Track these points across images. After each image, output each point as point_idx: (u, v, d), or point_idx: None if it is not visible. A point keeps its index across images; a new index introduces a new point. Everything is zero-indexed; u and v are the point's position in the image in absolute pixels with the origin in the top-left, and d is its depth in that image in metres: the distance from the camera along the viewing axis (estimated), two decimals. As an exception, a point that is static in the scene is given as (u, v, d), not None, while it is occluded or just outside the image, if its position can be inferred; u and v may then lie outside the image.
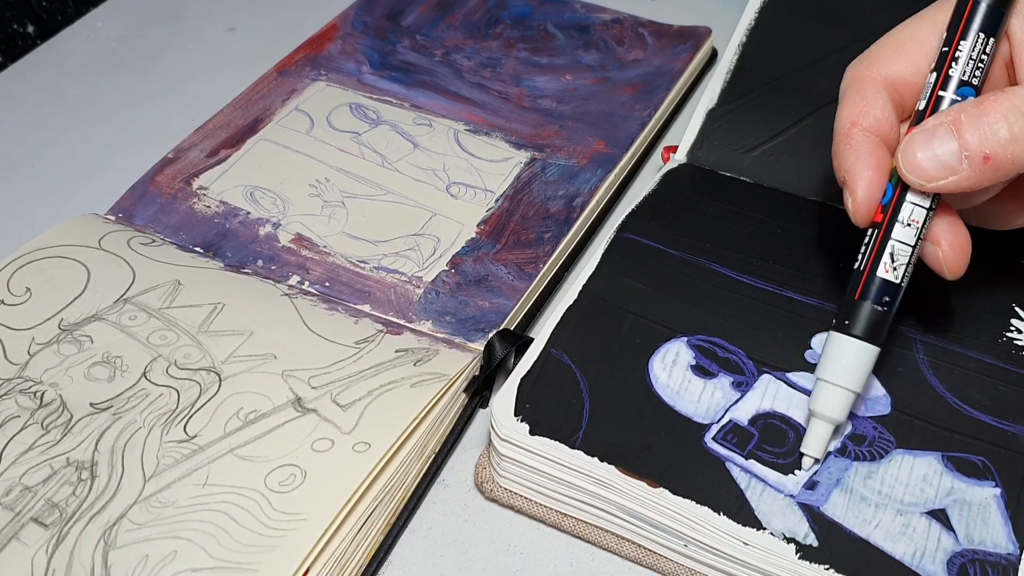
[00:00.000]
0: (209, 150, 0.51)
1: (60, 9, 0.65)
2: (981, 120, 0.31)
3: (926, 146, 0.32)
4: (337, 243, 0.46)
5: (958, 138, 0.32)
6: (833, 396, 0.34)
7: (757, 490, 0.34)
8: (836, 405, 0.34)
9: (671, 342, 0.39)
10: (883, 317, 0.34)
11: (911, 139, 0.33)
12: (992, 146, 0.31)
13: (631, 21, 0.59)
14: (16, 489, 0.35)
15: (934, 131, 0.32)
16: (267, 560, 0.33)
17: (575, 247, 0.48)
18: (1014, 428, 0.36)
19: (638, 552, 0.36)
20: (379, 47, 0.58)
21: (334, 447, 0.36)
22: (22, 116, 0.56)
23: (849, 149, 0.35)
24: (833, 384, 0.34)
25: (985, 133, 0.31)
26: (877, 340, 0.34)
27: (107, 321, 0.41)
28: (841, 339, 0.34)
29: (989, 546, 0.33)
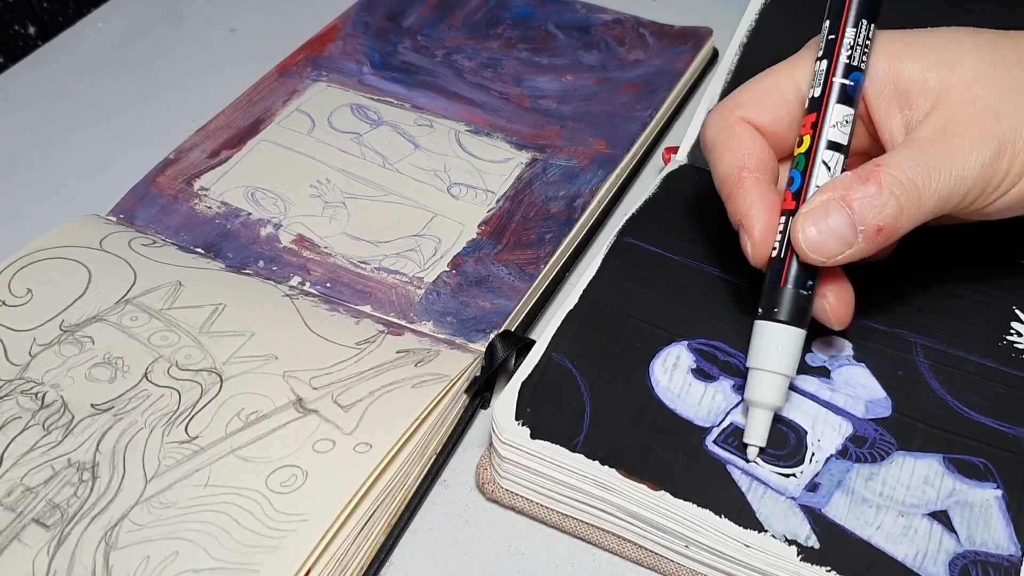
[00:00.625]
0: (210, 151, 0.51)
1: (61, 10, 0.65)
2: (869, 196, 0.33)
3: (820, 223, 0.33)
4: (338, 244, 0.46)
5: (852, 213, 0.33)
6: (769, 383, 0.35)
7: (758, 492, 0.34)
8: (773, 391, 0.35)
9: (672, 346, 0.39)
10: (807, 301, 0.35)
11: (805, 217, 0.34)
12: (884, 219, 0.33)
13: (632, 21, 0.59)
14: (17, 490, 0.35)
15: (826, 207, 0.33)
16: (268, 561, 0.33)
17: (576, 247, 0.48)
18: (1015, 430, 0.36)
19: (639, 553, 0.36)
20: (380, 48, 0.58)
21: (335, 448, 0.36)
22: (23, 117, 0.56)
23: (743, 193, 0.36)
24: (768, 371, 0.35)
25: (875, 208, 0.33)
26: (803, 323, 0.35)
27: (108, 322, 0.41)
28: (770, 326, 0.35)
29: (991, 547, 0.33)
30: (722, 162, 0.37)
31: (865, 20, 0.35)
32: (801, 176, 0.35)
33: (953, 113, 0.34)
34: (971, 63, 0.34)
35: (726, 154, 0.37)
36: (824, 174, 0.34)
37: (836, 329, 0.36)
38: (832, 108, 0.35)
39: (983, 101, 0.34)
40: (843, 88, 0.35)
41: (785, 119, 0.37)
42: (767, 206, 0.36)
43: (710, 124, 0.38)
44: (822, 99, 0.35)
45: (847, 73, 0.35)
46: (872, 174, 0.33)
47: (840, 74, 0.35)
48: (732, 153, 0.37)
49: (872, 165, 0.33)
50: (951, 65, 0.34)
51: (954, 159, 0.33)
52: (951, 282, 0.41)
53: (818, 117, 0.35)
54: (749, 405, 0.35)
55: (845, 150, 0.35)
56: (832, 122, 0.35)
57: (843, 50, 0.35)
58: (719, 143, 0.37)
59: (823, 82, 0.35)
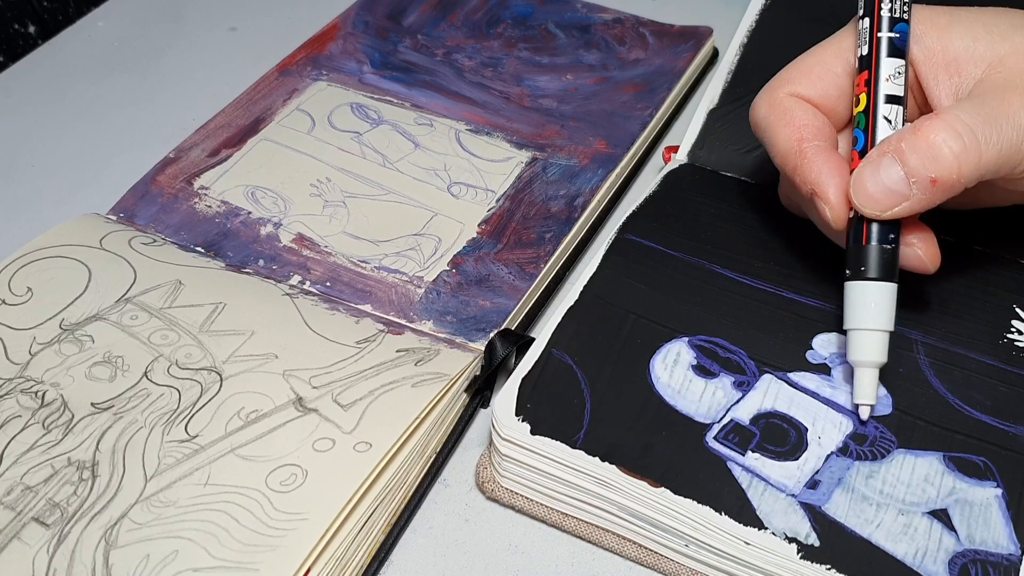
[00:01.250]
0: (210, 150, 0.51)
1: (61, 9, 0.65)
2: (922, 147, 0.33)
3: (874, 178, 0.33)
4: (338, 243, 0.46)
5: (903, 166, 0.33)
6: (870, 341, 0.35)
7: (759, 490, 0.34)
8: (875, 348, 0.35)
9: (672, 342, 0.39)
10: (892, 254, 0.35)
11: (859, 173, 0.34)
12: (937, 170, 0.33)
13: (632, 21, 0.59)
14: (17, 489, 0.35)
15: (879, 162, 0.33)
16: (268, 560, 0.33)
17: (576, 247, 0.48)
18: (1015, 429, 0.36)
19: (639, 552, 0.36)
20: (380, 47, 0.58)
21: (335, 447, 0.36)
22: (23, 116, 0.56)
23: (808, 163, 0.36)
24: (867, 330, 0.35)
25: (928, 158, 0.32)
26: (893, 277, 0.35)
27: (108, 321, 0.41)
28: (861, 285, 0.35)
29: (990, 546, 0.33)
30: (779, 137, 0.37)
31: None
32: (864, 134, 0.35)
33: (1010, 76, 0.34)
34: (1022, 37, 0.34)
35: (782, 129, 0.37)
36: (886, 128, 0.35)
37: (931, 272, 0.36)
38: (883, 62, 0.35)
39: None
40: (890, 41, 0.35)
41: (833, 92, 0.37)
42: (836, 169, 0.35)
43: (759, 105, 0.38)
44: (871, 55, 0.35)
45: (891, 26, 0.35)
46: (926, 125, 0.33)
47: (885, 27, 0.35)
48: (789, 127, 0.36)
49: (929, 116, 0.33)
50: (1002, 36, 0.34)
51: (1014, 113, 0.33)
52: (952, 280, 0.41)
53: (871, 74, 0.35)
54: (854, 366, 0.36)
55: (903, 101, 0.35)
56: (885, 75, 0.35)
57: (884, 4, 0.35)
58: (772, 120, 0.37)
59: (869, 39, 0.35)
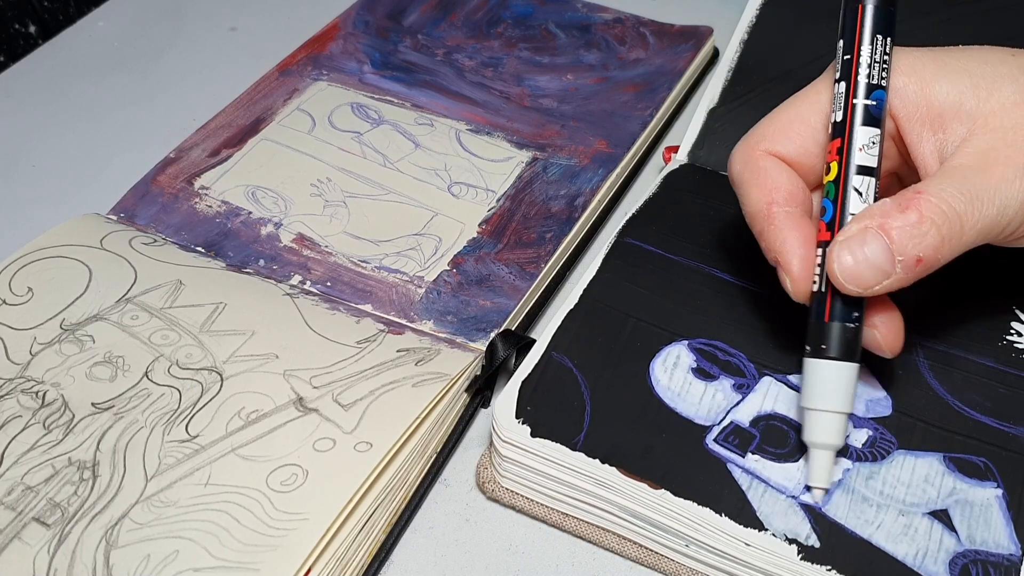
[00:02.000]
0: (211, 150, 0.51)
1: (61, 9, 0.65)
2: (909, 225, 0.31)
3: (856, 253, 0.32)
4: (339, 243, 0.46)
5: (891, 243, 0.32)
6: (828, 422, 0.33)
7: (759, 491, 0.34)
8: (833, 431, 0.33)
9: (672, 345, 0.39)
10: (855, 333, 0.33)
11: (840, 245, 0.32)
12: (924, 250, 0.32)
13: (633, 20, 0.59)
14: (18, 489, 0.35)
15: (863, 236, 0.32)
16: (269, 560, 0.33)
17: (577, 247, 0.48)
18: (1015, 430, 0.36)
19: (640, 552, 0.36)
20: (380, 47, 0.58)
21: (336, 447, 0.36)
22: (24, 116, 0.56)
23: (774, 230, 0.35)
24: (825, 411, 0.33)
25: (915, 238, 0.31)
26: (854, 357, 0.33)
27: (109, 321, 0.41)
28: (821, 364, 0.33)
29: (991, 547, 0.33)
30: (750, 198, 0.36)
31: (880, 36, 0.33)
32: (833, 205, 0.33)
33: (993, 140, 0.32)
34: (1009, 89, 0.33)
35: (753, 190, 0.35)
36: (856, 201, 0.33)
37: (888, 357, 0.35)
38: (857, 131, 0.33)
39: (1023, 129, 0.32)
40: (866, 109, 0.33)
41: (812, 149, 0.36)
42: (802, 239, 0.34)
43: (735, 159, 0.37)
44: (845, 123, 0.33)
45: (868, 92, 0.33)
46: (912, 201, 0.32)
47: (861, 95, 0.33)
48: (759, 188, 0.35)
49: (911, 192, 0.32)
50: (988, 90, 0.33)
51: (997, 188, 0.32)
52: (951, 282, 0.41)
53: (843, 142, 0.33)
54: (809, 447, 0.34)
55: (876, 172, 0.33)
56: (859, 145, 0.33)
57: (861, 69, 0.33)
58: (745, 178, 0.36)
59: (844, 105, 0.33)
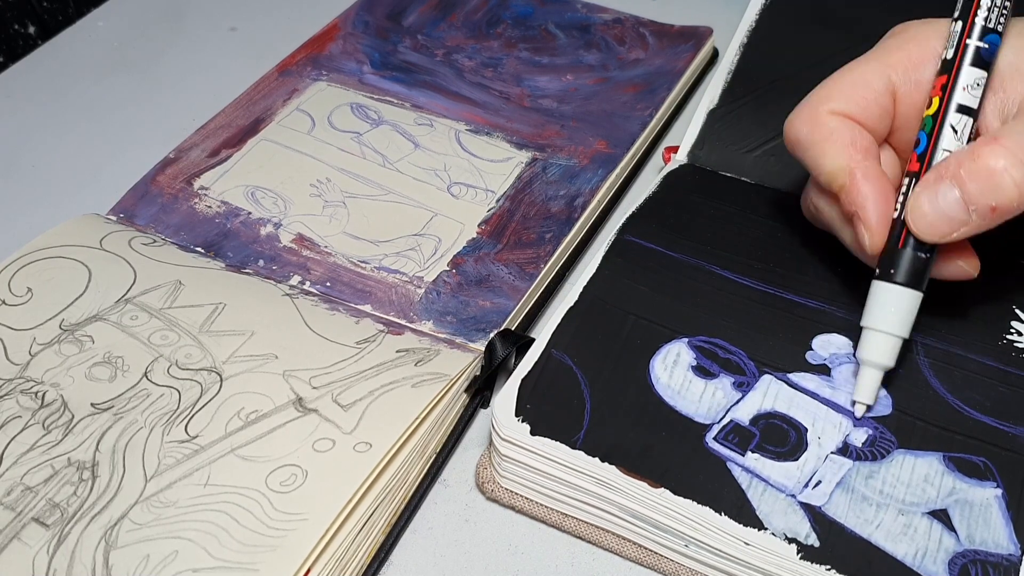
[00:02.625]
0: (210, 150, 0.51)
1: (61, 9, 0.65)
2: (983, 174, 0.32)
3: (932, 203, 0.33)
4: (338, 243, 0.46)
5: (964, 193, 0.32)
6: (882, 343, 0.35)
7: (758, 490, 0.34)
8: (886, 351, 0.35)
9: (672, 343, 0.39)
10: (925, 263, 0.35)
11: (916, 197, 0.33)
12: (998, 198, 0.32)
13: (632, 21, 0.59)
14: (17, 489, 0.35)
15: (937, 187, 0.33)
16: (268, 560, 0.33)
17: (576, 247, 0.48)
18: (1015, 429, 0.36)
19: (639, 552, 0.36)
20: (380, 47, 0.58)
21: (335, 447, 0.36)
22: (23, 116, 0.56)
23: (857, 186, 0.35)
24: (882, 332, 0.35)
25: (989, 186, 0.32)
26: (920, 286, 0.35)
27: (108, 321, 0.41)
28: (886, 287, 0.35)
29: (990, 546, 0.33)
30: (826, 157, 0.36)
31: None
32: (928, 138, 0.35)
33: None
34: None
35: (829, 148, 0.36)
36: (951, 137, 0.34)
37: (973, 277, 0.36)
38: (964, 70, 0.34)
39: None
40: (976, 50, 0.34)
41: (875, 110, 0.36)
42: (881, 196, 0.35)
43: (798, 122, 0.37)
44: (954, 61, 0.34)
45: (982, 35, 0.34)
46: (986, 151, 0.32)
47: (976, 36, 0.34)
48: (836, 145, 0.36)
49: (988, 139, 0.33)
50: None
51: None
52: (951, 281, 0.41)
53: (948, 79, 0.34)
54: (861, 364, 0.36)
55: (975, 113, 0.34)
56: (963, 84, 0.34)
57: (980, 11, 0.34)
58: (816, 139, 0.36)
59: (956, 44, 0.35)
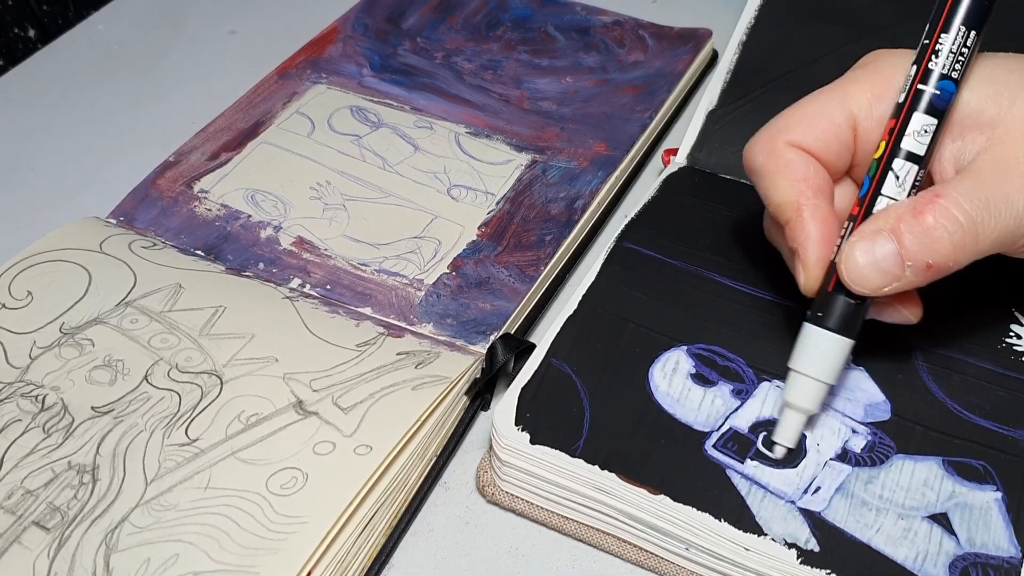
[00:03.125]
0: (210, 153, 0.51)
1: (61, 13, 0.65)
2: (920, 230, 0.32)
3: (867, 255, 0.32)
4: (338, 246, 0.46)
5: (900, 248, 0.32)
6: (808, 388, 0.34)
7: (758, 496, 0.34)
8: (811, 397, 0.34)
9: (671, 351, 0.39)
10: (857, 310, 0.34)
11: (852, 245, 0.33)
12: (935, 256, 0.32)
13: (632, 23, 0.59)
14: (18, 493, 0.35)
15: (875, 239, 0.32)
16: (269, 563, 0.33)
17: (576, 249, 0.48)
18: (1014, 433, 0.36)
19: (640, 555, 0.36)
20: (380, 50, 0.58)
21: (336, 450, 0.36)
22: (23, 120, 0.56)
23: (802, 222, 0.35)
24: (807, 376, 0.34)
25: (927, 243, 0.32)
26: (852, 333, 0.34)
27: (108, 324, 0.41)
28: (816, 331, 0.34)
29: (991, 549, 0.33)
30: (777, 188, 0.35)
31: (965, 27, 0.33)
32: (870, 182, 0.34)
33: (1012, 149, 0.32)
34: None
35: (780, 180, 0.35)
36: (892, 184, 0.33)
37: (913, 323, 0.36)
38: (913, 116, 0.33)
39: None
40: (927, 96, 0.33)
41: (834, 145, 0.35)
42: (824, 236, 0.34)
43: (756, 151, 0.37)
44: (903, 105, 0.33)
45: (936, 81, 0.33)
46: (927, 206, 0.32)
47: (932, 83, 0.33)
48: (787, 179, 0.35)
49: (929, 195, 0.32)
50: (1010, 99, 0.33)
51: (1014, 199, 0.32)
52: (950, 285, 0.41)
53: (896, 123, 0.33)
54: (785, 406, 0.35)
55: (922, 161, 0.33)
56: (911, 130, 0.33)
57: (933, 56, 0.33)
58: (770, 169, 0.36)
59: (908, 88, 0.33)
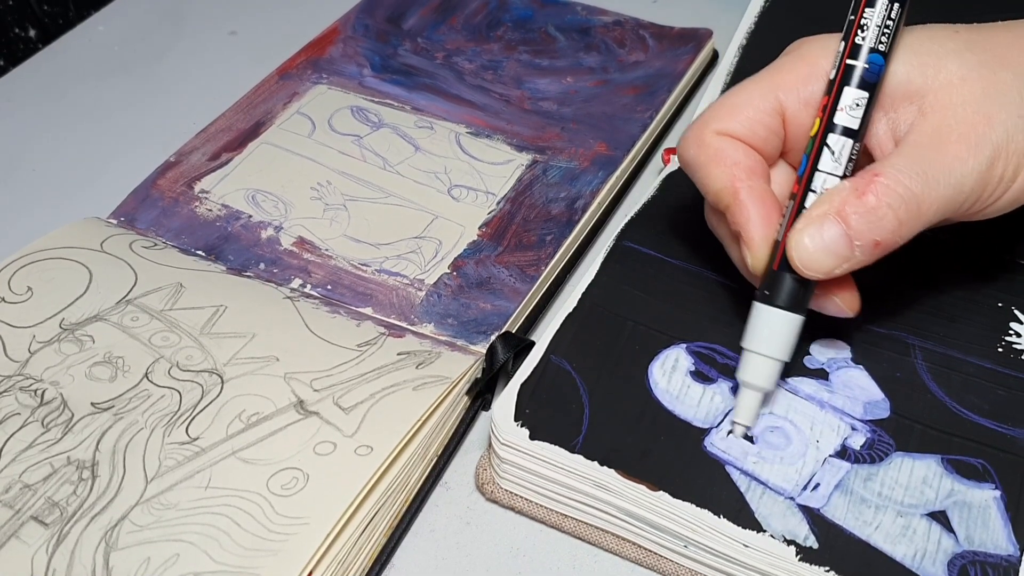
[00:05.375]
0: (211, 153, 0.51)
1: (61, 13, 0.66)
2: (865, 211, 0.32)
3: (815, 239, 0.33)
4: (339, 246, 0.46)
5: (848, 228, 0.32)
6: (761, 366, 0.35)
7: (757, 492, 0.34)
8: (765, 374, 0.35)
9: (670, 348, 0.39)
10: (805, 287, 0.34)
11: (799, 231, 0.33)
12: (881, 234, 0.32)
13: (632, 23, 0.59)
14: (16, 487, 0.35)
15: (821, 223, 0.33)
16: (270, 564, 0.33)
17: (577, 249, 0.48)
18: (1013, 431, 0.36)
19: (639, 553, 0.36)
20: (380, 50, 0.58)
21: (336, 450, 0.36)
22: (24, 120, 0.56)
23: (740, 204, 0.35)
24: (760, 354, 0.35)
25: (873, 221, 0.32)
26: (800, 309, 0.34)
27: (109, 322, 0.41)
28: (765, 310, 0.35)
29: (989, 548, 0.33)
30: (711, 177, 0.36)
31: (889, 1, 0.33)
32: (807, 160, 0.34)
33: (944, 117, 0.33)
34: (955, 64, 0.34)
35: (713, 168, 0.36)
36: (828, 159, 0.34)
37: (851, 317, 0.36)
38: (844, 91, 0.34)
39: (972, 104, 0.33)
40: (856, 70, 0.34)
41: (760, 131, 0.36)
42: (765, 215, 0.35)
43: (686, 143, 0.37)
44: (834, 81, 0.34)
45: (865, 55, 0.34)
46: (868, 186, 0.32)
47: (861, 58, 0.34)
48: (720, 166, 0.36)
49: (868, 175, 0.33)
50: (935, 67, 0.34)
51: (951, 167, 0.32)
52: (949, 283, 0.41)
53: (828, 100, 0.34)
54: (740, 385, 0.35)
55: (857, 135, 0.34)
56: (842, 105, 0.34)
57: (861, 31, 0.34)
58: (702, 160, 0.36)
59: (837, 64, 0.34)
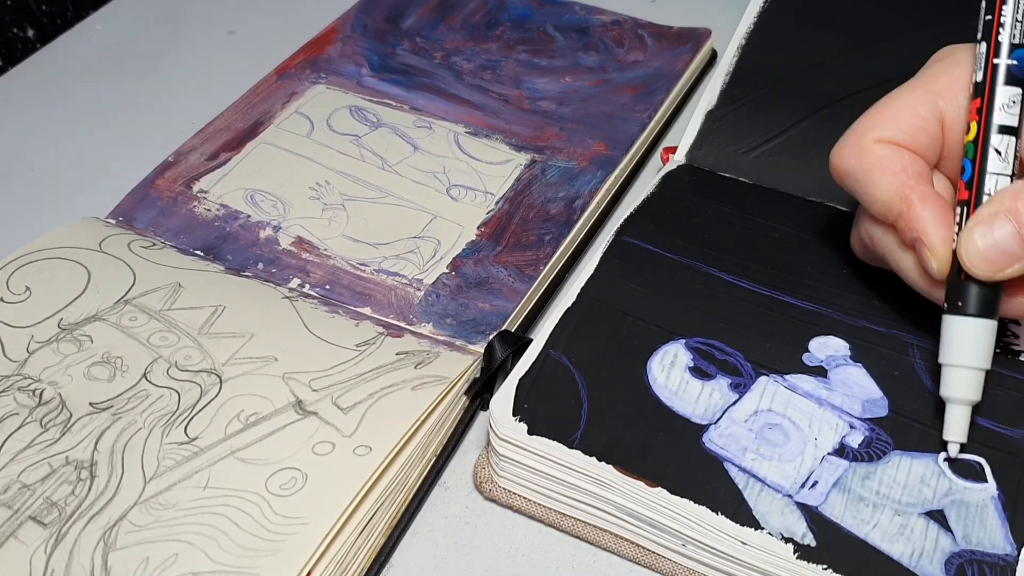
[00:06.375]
0: (209, 153, 0.51)
1: (60, 13, 0.66)
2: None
3: (986, 237, 0.32)
4: (337, 246, 0.46)
5: (1019, 227, 0.32)
6: (966, 378, 0.34)
7: (755, 490, 0.34)
8: (970, 386, 0.34)
9: (669, 344, 0.39)
10: (994, 291, 0.34)
11: (970, 230, 0.33)
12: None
13: (631, 23, 0.59)
14: (14, 486, 0.35)
15: (992, 221, 0.32)
16: (268, 564, 0.33)
17: (575, 249, 0.48)
18: (1011, 431, 0.36)
19: (637, 552, 0.36)
20: (379, 50, 0.58)
21: (335, 450, 0.36)
22: (22, 120, 0.56)
23: (915, 212, 0.34)
24: (963, 367, 0.34)
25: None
26: (992, 314, 0.34)
27: (107, 321, 0.41)
28: (959, 321, 0.34)
29: (987, 547, 0.33)
30: (879, 186, 0.35)
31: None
32: (972, 165, 0.34)
33: None
34: None
35: (879, 176, 0.35)
36: (996, 160, 0.34)
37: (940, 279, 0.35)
38: (998, 89, 0.34)
39: None
40: (1006, 68, 0.34)
41: (923, 138, 0.35)
42: (942, 218, 0.34)
43: (845, 153, 0.36)
44: (984, 83, 0.34)
45: (1010, 52, 0.34)
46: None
47: (1004, 54, 0.34)
48: (887, 174, 0.35)
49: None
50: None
51: None
52: None
53: (983, 102, 0.34)
54: (947, 402, 0.35)
55: (1017, 132, 0.34)
56: (999, 104, 0.34)
57: (1002, 29, 0.34)
58: (865, 168, 0.35)
59: (984, 65, 0.34)
